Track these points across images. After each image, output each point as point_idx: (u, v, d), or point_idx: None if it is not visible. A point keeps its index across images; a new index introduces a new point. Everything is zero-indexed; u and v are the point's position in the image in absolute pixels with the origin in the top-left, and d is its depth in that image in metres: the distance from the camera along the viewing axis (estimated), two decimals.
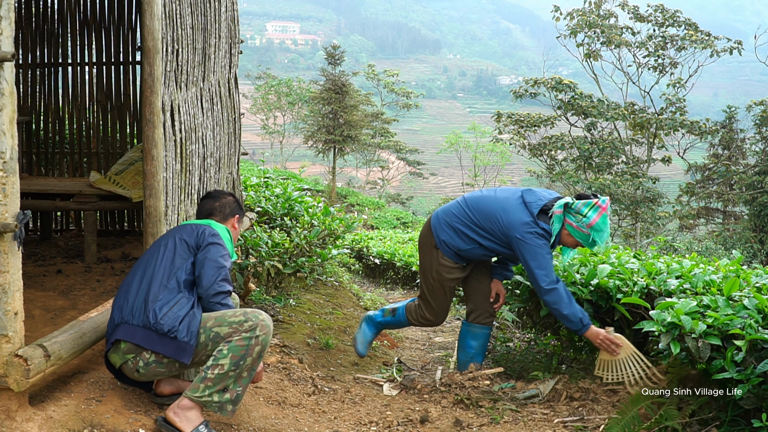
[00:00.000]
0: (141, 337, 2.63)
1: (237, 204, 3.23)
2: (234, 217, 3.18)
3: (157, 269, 2.77)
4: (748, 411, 2.64)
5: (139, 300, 2.69)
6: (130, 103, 5.89)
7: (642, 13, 18.62)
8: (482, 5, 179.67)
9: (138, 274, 2.80)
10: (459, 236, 3.76)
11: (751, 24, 33.62)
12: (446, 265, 3.83)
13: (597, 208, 3.53)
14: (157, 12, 3.38)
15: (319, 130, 27.69)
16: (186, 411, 2.64)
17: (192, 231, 2.91)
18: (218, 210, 3.15)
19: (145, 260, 2.85)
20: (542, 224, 3.56)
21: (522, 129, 18.66)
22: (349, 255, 9.20)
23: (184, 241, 2.87)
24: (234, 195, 3.27)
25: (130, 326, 2.65)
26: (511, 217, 3.60)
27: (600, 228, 3.53)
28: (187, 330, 2.63)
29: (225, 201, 3.18)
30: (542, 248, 3.53)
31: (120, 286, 2.86)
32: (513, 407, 3.42)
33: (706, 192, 20.31)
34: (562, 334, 4.08)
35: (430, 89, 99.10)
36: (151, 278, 2.74)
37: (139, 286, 2.74)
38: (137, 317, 2.66)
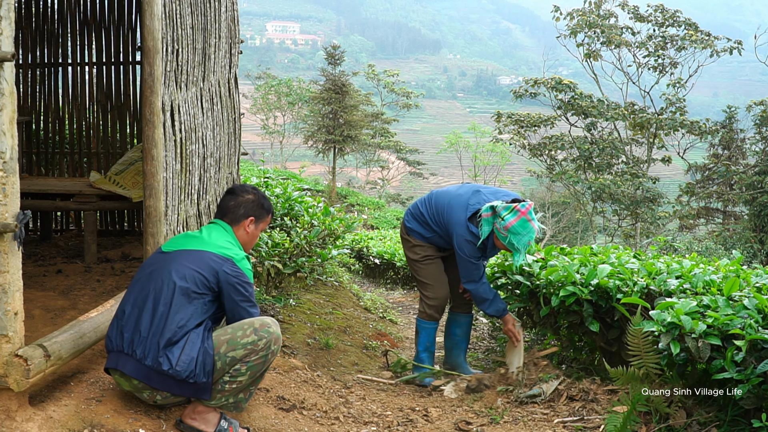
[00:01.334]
0: (157, 381, 2.59)
1: (256, 203, 2.99)
2: (248, 219, 2.95)
3: (167, 301, 2.62)
4: (748, 411, 2.64)
5: (151, 338, 2.58)
6: (130, 103, 5.89)
7: (642, 13, 18.62)
8: (482, 5, 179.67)
9: (146, 300, 2.64)
10: (422, 226, 4.10)
11: (751, 24, 33.62)
12: (419, 244, 4.14)
13: (515, 212, 3.66)
14: (157, 12, 3.38)
15: (319, 130, 27.70)
16: (203, 414, 2.69)
17: (211, 267, 2.70)
18: (231, 210, 2.95)
19: (156, 281, 2.68)
20: (471, 227, 3.81)
21: (522, 129, 18.67)
22: (349, 255, 9.20)
23: (203, 276, 2.68)
24: (256, 192, 3.04)
25: (143, 366, 2.57)
26: (452, 215, 3.90)
27: (517, 231, 3.66)
28: (203, 371, 2.59)
29: (241, 200, 2.97)
30: (467, 254, 3.81)
31: (126, 300, 2.72)
32: (514, 406, 3.42)
33: (706, 192, 20.31)
34: (562, 335, 4.08)
35: (430, 89, 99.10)
36: (162, 313, 2.60)
37: (151, 318, 2.61)
38: (150, 357, 2.56)
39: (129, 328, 2.63)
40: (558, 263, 3.83)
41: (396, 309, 6.44)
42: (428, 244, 4.11)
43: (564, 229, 28.39)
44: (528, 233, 3.67)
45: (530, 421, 3.22)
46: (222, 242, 2.81)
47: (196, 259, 2.71)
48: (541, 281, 3.78)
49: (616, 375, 3.07)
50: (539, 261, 4.05)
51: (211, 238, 2.82)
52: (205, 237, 2.83)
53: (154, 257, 2.84)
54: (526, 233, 3.67)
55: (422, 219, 4.09)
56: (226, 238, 2.86)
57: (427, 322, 4.18)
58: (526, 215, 3.66)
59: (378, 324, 5.47)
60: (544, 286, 3.72)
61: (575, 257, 4.05)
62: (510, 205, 3.70)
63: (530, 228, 3.67)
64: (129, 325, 2.64)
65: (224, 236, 2.87)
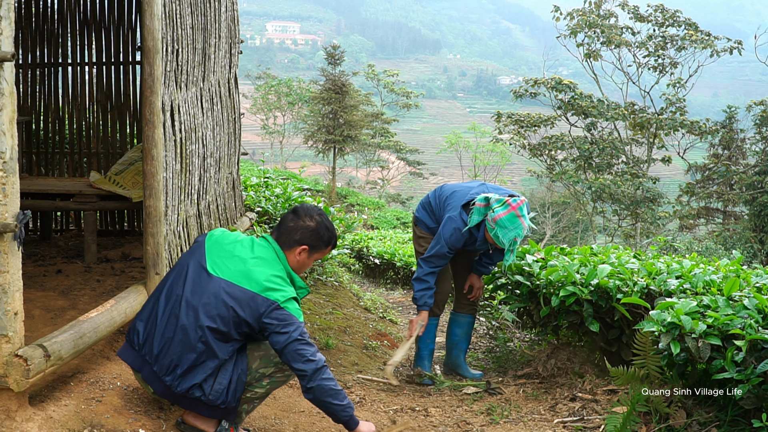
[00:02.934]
0: (186, 404, 2.57)
1: (314, 233, 2.75)
2: (300, 246, 2.72)
3: (204, 335, 2.51)
4: (748, 411, 2.64)
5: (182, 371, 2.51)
6: (130, 103, 5.89)
7: (642, 13, 18.63)
8: (482, 5, 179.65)
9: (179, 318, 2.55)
10: (428, 215, 4.19)
11: (751, 24, 33.62)
12: (423, 236, 4.21)
13: (506, 206, 3.71)
14: (157, 12, 3.38)
15: (319, 130, 27.70)
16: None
17: (253, 312, 2.54)
18: (287, 232, 2.75)
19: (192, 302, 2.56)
20: (463, 215, 3.87)
21: (522, 129, 18.67)
22: (349, 255, 9.20)
23: (244, 320, 2.53)
24: (319, 220, 2.78)
25: (170, 391, 2.54)
26: (452, 201, 3.99)
27: (504, 225, 3.68)
28: (234, 398, 2.57)
29: (300, 225, 2.75)
30: (448, 232, 3.86)
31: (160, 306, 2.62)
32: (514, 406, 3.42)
33: (706, 192, 20.31)
34: (561, 335, 4.08)
35: (430, 89, 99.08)
36: (199, 347, 2.51)
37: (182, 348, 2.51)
38: (180, 387, 2.51)
39: (160, 346, 2.56)
40: (558, 263, 3.83)
41: (396, 309, 6.44)
42: (432, 236, 4.15)
43: (564, 229, 28.40)
44: (515, 228, 3.66)
45: (530, 421, 3.22)
46: (269, 278, 2.59)
47: (237, 297, 2.54)
48: (541, 281, 3.78)
49: (616, 375, 3.07)
50: (539, 261, 4.05)
51: (258, 271, 2.60)
52: (252, 268, 2.60)
53: (196, 267, 2.64)
54: (513, 228, 3.66)
55: (429, 208, 4.20)
56: (274, 270, 2.64)
57: (429, 318, 4.20)
58: (515, 210, 3.68)
59: (378, 324, 5.47)
60: (544, 286, 3.72)
61: (575, 257, 4.05)
62: (502, 198, 3.76)
63: (518, 224, 3.67)
64: (161, 343, 2.56)
65: (273, 268, 2.64)
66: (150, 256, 3.49)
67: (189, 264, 2.66)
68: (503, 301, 4.41)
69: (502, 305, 4.63)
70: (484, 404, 3.54)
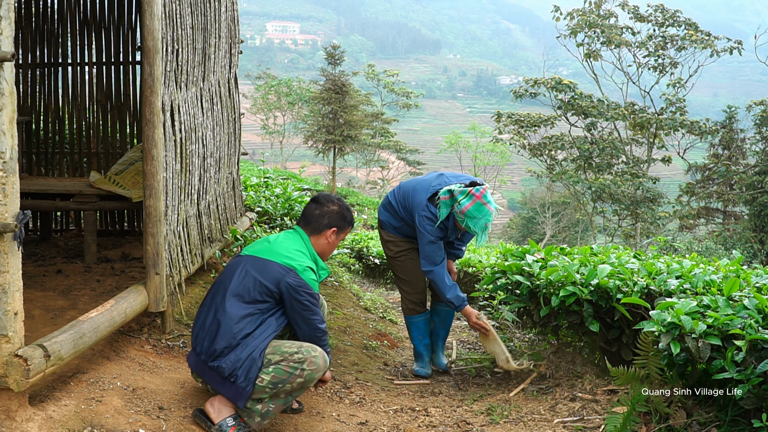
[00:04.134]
0: (208, 374, 2.80)
1: (339, 215, 3.12)
2: (330, 229, 3.08)
3: (228, 304, 2.80)
4: (748, 411, 2.64)
5: (208, 336, 2.79)
6: (130, 103, 5.89)
7: (642, 13, 18.63)
8: (482, 5, 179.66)
9: (212, 303, 2.87)
10: (391, 215, 4.18)
11: (751, 24, 33.63)
12: (391, 239, 4.21)
13: (471, 196, 3.76)
14: (157, 12, 3.38)
15: (319, 130, 27.70)
16: (221, 404, 2.79)
17: (274, 276, 2.83)
18: (315, 219, 3.08)
19: (222, 287, 2.88)
20: (431, 207, 3.90)
21: (522, 129, 18.68)
22: (349, 255, 9.20)
23: (264, 286, 2.82)
24: (340, 203, 3.16)
25: (200, 361, 2.81)
26: (416, 197, 3.98)
27: (473, 215, 3.76)
28: (245, 376, 2.73)
29: (325, 210, 3.10)
30: (428, 232, 3.88)
31: (201, 305, 2.96)
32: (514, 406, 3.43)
33: (706, 192, 20.31)
34: (561, 335, 4.08)
35: (430, 89, 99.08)
36: (222, 314, 2.79)
37: (213, 318, 2.81)
38: (205, 353, 2.79)
39: (197, 326, 2.88)
40: (558, 263, 3.83)
41: (396, 309, 6.43)
42: (399, 238, 4.18)
43: (564, 229, 28.41)
44: (484, 216, 3.77)
45: (530, 421, 3.22)
46: (290, 251, 2.92)
47: (259, 266, 2.86)
48: (541, 281, 3.78)
49: (616, 375, 3.07)
50: (539, 261, 4.05)
51: (280, 247, 2.94)
52: (274, 245, 2.95)
53: (235, 258, 3.01)
54: (482, 216, 3.77)
55: (391, 208, 4.19)
56: (296, 246, 2.97)
57: (413, 317, 4.29)
58: (480, 199, 3.76)
59: (378, 324, 5.47)
60: (544, 286, 3.72)
61: (575, 257, 4.05)
62: (465, 189, 3.79)
63: (486, 211, 3.77)
64: (198, 324, 2.88)
65: (296, 245, 2.98)
66: (150, 256, 3.49)
67: (230, 262, 3.01)
68: (503, 301, 4.41)
69: (502, 305, 4.62)
70: (484, 404, 3.54)
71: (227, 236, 4.88)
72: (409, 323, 4.33)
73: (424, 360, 4.29)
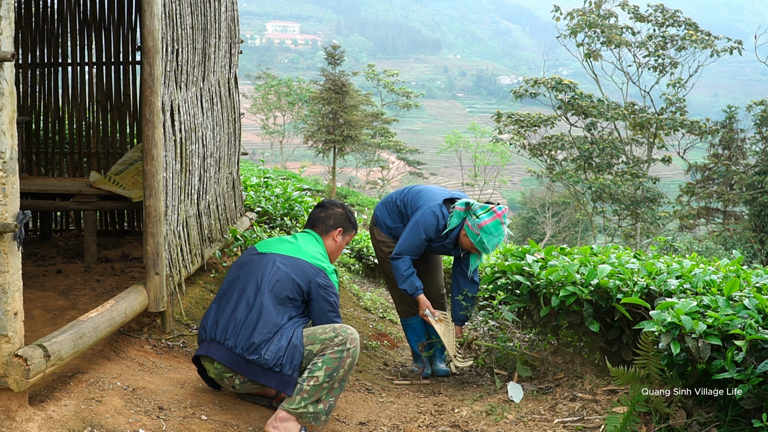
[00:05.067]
0: (245, 368, 2.81)
1: (344, 217, 3.30)
2: (336, 229, 3.26)
3: (261, 301, 2.85)
4: (748, 411, 2.64)
5: (244, 331, 2.81)
6: (130, 103, 5.89)
7: (642, 13, 18.63)
8: (482, 5, 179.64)
9: (240, 296, 2.90)
10: (389, 213, 4.15)
11: (751, 24, 33.63)
12: (383, 240, 4.19)
13: (491, 213, 3.80)
14: (157, 12, 3.38)
15: (319, 130, 27.68)
16: (284, 423, 2.78)
17: (306, 275, 2.95)
18: (321, 221, 3.26)
19: (252, 279, 2.93)
20: (443, 209, 3.91)
21: (522, 129, 18.68)
22: (349, 255, 9.20)
23: (297, 284, 2.92)
24: (344, 207, 3.34)
25: (232, 354, 2.81)
26: (428, 194, 3.99)
27: (489, 231, 3.78)
28: (290, 363, 2.80)
29: (331, 213, 3.29)
30: (423, 228, 3.87)
31: (220, 295, 2.97)
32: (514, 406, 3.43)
33: (706, 192, 20.31)
34: (561, 335, 4.08)
35: (430, 89, 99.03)
36: (256, 311, 2.84)
37: (247, 311, 2.84)
38: (240, 347, 2.80)
39: (224, 319, 2.88)
40: (558, 263, 3.83)
41: (396, 309, 6.43)
42: (390, 239, 4.14)
43: (564, 229, 28.39)
44: (499, 235, 3.82)
45: (530, 421, 3.22)
46: (315, 252, 3.08)
47: (291, 264, 2.97)
48: (541, 281, 3.78)
49: (616, 375, 3.07)
50: (539, 261, 4.05)
51: (305, 247, 3.08)
52: (300, 245, 3.08)
53: (249, 255, 3.07)
54: (498, 235, 3.81)
55: (392, 205, 4.15)
56: (317, 248, 3.13)
57: (408, 318, 4.28)
58: (500, 217, 3.81)
59: (378, 324, 5.47)
60: (544, 286, 3.72)
61: (575, 257, 4.05)
62: (486, 205, 3.83)
63: (502, 231, 3.83)
64: (224, 316, 2.89)
65: (316, 246, 3.14)
66: (150, 256, 3.49)
67: (244, 258, 3.08)
68: (503, 301, 4.41)
69: (502, 305, 4.62)
70: (484, 404, 3.54)
71: (227, 236, 4.88)
72: (405, 325, 4.32)
73: (421, 360, 4.28)
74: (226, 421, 2.89)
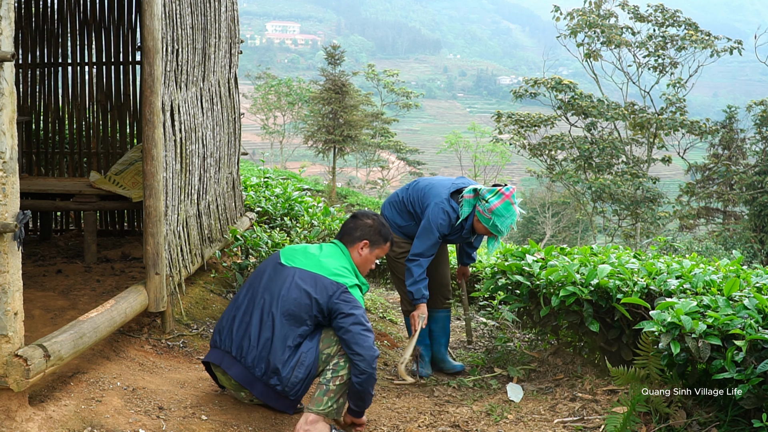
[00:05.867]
0: (260, 391, 2.82)
1: (372, 229, 3.15)
2: (362, 242, 3.12)
3: (278, 320, 2.79)
4: (748, 411, 2.64)
5: (261, 351, 2.78)
6: (130, 103, 5.89)
7: (642, 13, 18.63)
8: (482, 5, 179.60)
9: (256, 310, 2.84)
10: (398, 212, 4.10)
11: (751, 24, 33.62)
12: (395, 240, 4.07)
13: (500, 195, 3.78)
14: (157, 12, 3.38)
15: (319, 130, 27.67)
16: (314, 425, 2.80)
17: (324, 292, 2.84)
18: (349, 231, 3.15)
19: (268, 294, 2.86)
20: (452, 202, 3.87)
21: (522, 129, 18.67)
22: None
23: (314, 300, 2.83)
24: (376, 219, 3.20)
25: (250, 374, 2.80)
26: (433, 192, 3.94)
27: (501, 213, 3.76)
28: (303, 390, 2.83)
29: (359, 224, 3.16)
30: (436, 226, 3.84)
31: (239, 303, 2.91)
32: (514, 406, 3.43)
33: (706, 192, 20.31)
34: (561, 335, 4.08)
35: (430, 89, 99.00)
36: (270, 326, 2.79)
37: (260, 330, 2.80)
38: (259, 369, 2.79)
39: (239, 333, 2.84)
40: (558, 263, 3.83)
41: (396, 309, 6.43)
42: (402, 238, 4.11)
43: (564, 229, 28.38)
44: (511, 215, 3.79)
45: (530, 421, 3.22)
46: (337, 267, 2.95)
47: (310, 280, 2.86)
48: (541, 281, 3.78)
49: (616, 375, 3.07)
50: (539, 261, 4.05)
51: (327, 261, 2.96)
52: (322, 259, 2.96)
53: (272, 265, 2.98)
54: (510, 216, 3.78)
55: (399, 204, 4.11)
56: (341, 262, 3.00)
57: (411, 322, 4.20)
58: (509, 198, 3.79)
59: (378, 324, 5.47)
60: (544, 286, 3.72)
61: (575, 257, 4.05)
62: (494, 188, 3.82)
63: (513, 211, 3.80)
64: (240, 330, 2.85)
65: (340, 260, 3.01)
66: (150, 256, 3.49)
67: (266, 267, 3.00)
68: (503, 301, 4.41)
69: (502, 305, 4.62)
70: (484, 404, 3.54)
71: (227, 236, 4.88)
72: (409, 324, 4.30)
73: (424, 360, 4.27)
74: (226, 421, 2.89)
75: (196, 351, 3.74)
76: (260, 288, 2.90)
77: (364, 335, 2.78)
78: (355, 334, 2.77)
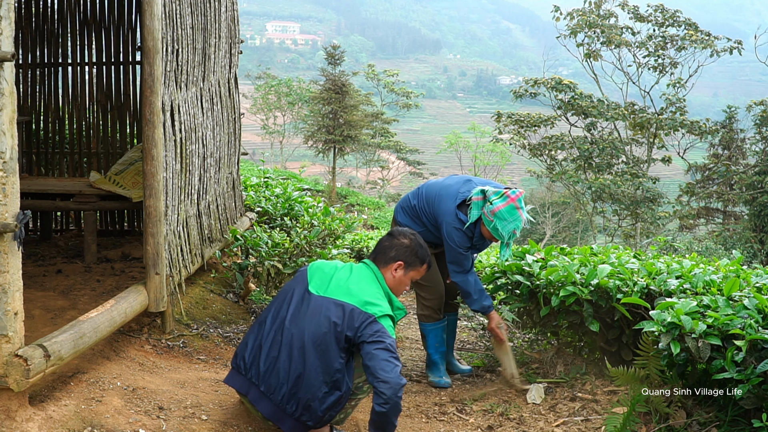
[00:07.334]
0: (290, 426, 2.69)
1: (408, 250, 2.96)
2: (396, 262, 2.93)
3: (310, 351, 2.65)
4: (748, 411, 2.64)
5: (292, 388, 2.66)
6: (130, 103, 5.89)
7: (642, 13, 18.62)
8: (482, 5, 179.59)
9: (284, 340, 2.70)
10: (412, 220, 3.96)
11: (751, 24, 33.60)
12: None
13: (505, 197, 3.62)
14: (157, 12, 3.38)
15: (319, 130, 27.67)
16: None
17: (352, 323, 2.68)
18: (383, 251, 2.96)
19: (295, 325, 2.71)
20: (460, 215, 3.73)
21: (522, 129, 18.67)
22: (349, 255, 9.21)
23: (343, 331, 2.67)
24: (413, 238, 3.01)
25: (281, 411, 2.68)
26: (441, 205, 3.80)
27: (503, 216, 3.59)
28: (322, 424, 2.74)
29: (395, 243, 2.97)
30: (457, 244, 3.72)
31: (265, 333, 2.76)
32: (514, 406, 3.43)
33: (706, 192, 20.31)
34: (561, 335, 4.08)
35: (430, 89, 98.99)
36: (304, 363, 2.65)
37: (289, 364, 2.66)
38: (291, 406, 2.66)
39: (267, 367, 2.71)
40: (558, 263, 3.83)
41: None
42: None
43: (564, 229, 28.38)
44: (514, 221, 3.60)
45: (530, 421, 3.22)
46: (368, 293, 2.77)
47: (339, 311, 2.70)
48: (541, 281, 3.77)
49: (616, 375, 3.07)
50: (539, 261, 4.04)
51: (357, 287, 2.78)
52: (352, 285, 2.79)
53: (300, 291, 2.81)
54: (513, 220, 3.60)
55: (413, 213, 3.97)
56: (373, 288, 2.82)
57: (430, 324, 4.10)
58: (515, 202, 3.61)
59: None
60: (544, 286, 3.72)
61: (575, 257, 4.05)
62: (500, 190, 3.66)
63: (517, 216, 3.61)
64: (267, 363, 2.71)
65: (372, 284, 2.83)
66: (150, 256, 3.49)
67: (294, 289, 2.84)
68: (503, 301, 4.40)
69: (502, 305, 4.62)
70: (484, 404, 3.54)
71: (227, 236, 4.88)
72: (427, 331, 4.11)
73: (440, 369, 4.07)
74: (226, 421, 2.89)
75: (196, 351, 3.74)
76: (287, 319, 2.74)
77: (390, 362, 2.60)
78: (381, 360, 2.59)
